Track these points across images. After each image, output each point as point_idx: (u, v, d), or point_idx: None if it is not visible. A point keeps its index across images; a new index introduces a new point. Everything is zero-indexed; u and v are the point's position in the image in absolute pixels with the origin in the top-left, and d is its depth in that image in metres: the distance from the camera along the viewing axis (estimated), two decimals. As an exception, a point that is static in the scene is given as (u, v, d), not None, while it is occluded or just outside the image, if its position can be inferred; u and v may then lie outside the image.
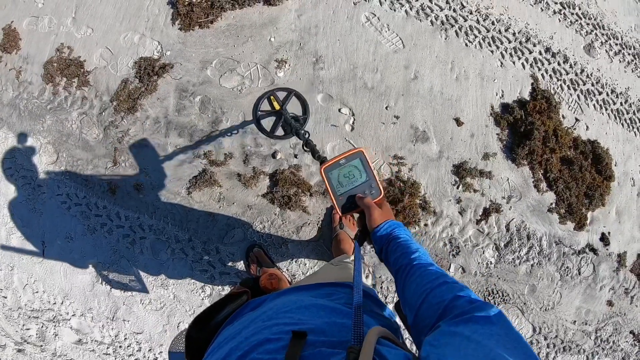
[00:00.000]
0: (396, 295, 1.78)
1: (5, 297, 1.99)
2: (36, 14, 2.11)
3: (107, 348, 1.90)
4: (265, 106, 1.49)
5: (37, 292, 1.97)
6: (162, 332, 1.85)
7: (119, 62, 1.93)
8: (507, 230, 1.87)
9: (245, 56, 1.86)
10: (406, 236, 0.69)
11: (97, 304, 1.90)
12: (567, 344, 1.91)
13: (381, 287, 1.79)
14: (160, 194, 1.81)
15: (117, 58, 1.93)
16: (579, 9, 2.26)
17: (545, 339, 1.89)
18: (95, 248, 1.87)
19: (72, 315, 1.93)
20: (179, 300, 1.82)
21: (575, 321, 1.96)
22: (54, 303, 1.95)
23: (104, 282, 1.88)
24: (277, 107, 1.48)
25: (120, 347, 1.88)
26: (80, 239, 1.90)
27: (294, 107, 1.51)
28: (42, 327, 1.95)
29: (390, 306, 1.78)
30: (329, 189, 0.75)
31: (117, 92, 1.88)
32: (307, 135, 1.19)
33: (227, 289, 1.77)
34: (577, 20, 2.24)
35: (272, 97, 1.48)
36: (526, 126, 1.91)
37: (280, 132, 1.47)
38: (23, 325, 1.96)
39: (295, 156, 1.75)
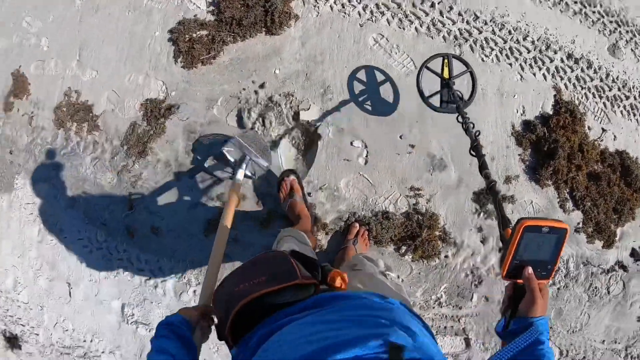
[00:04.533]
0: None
1: (37, 334, 2.08)
2: (42, 58, 2.11)
3: (138, 382, 1.97)
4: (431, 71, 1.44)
5: (67, 330, 2.05)
6: (189, 368, 1.91)
7: (126, 105, 1.92)
8: (532, 255, 1.80)
9: (250, 92, 1.81)
10: (548, 349, 0.65)
11: (125, 342, 1.96)
12: (596, 365, 1.86)
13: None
14: (177, 236, 1.82)
15: (123, 101, 1.92)
16: (600, 6, 2.09)
17: (574, 361, 1.85)
18: (120, 290, 1.92)
19: (102, 352, 2.01)
20: (203, 339, 1.86)
21: (604, 340, 1.90)
22: (84, 340, 2.03)
23: (129, 322, 1.94)
24: (446, 75, 1.38)
25: (150, 381, 1.95)
26: (104, 281, 1.95)
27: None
28: (74, 361, 2.04)
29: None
30: (514, 247, 0.63)
31: (127, 135, 1.88)
32: (470, 121, 1.10)
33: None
34: (599, 19, 2.07)
35: (446, 61, 1.38)
36: (549, 144, 1.81)
37: (436, 100, 1.41)
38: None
39: (309, 194, 1.72)
